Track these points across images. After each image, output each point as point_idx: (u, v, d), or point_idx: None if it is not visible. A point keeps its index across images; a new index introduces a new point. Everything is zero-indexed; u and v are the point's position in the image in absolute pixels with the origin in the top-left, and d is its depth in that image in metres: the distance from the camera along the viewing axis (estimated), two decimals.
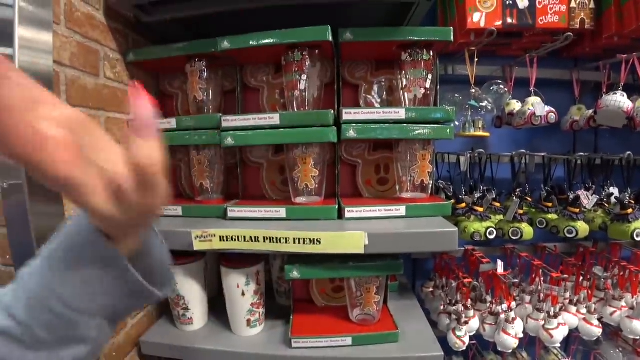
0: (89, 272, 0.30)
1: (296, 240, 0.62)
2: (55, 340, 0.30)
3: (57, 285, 0.30)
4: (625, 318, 0.96)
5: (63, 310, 0.30)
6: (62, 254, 0.31)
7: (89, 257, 0.30)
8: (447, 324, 0.90)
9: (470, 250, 1.00)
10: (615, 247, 1.12)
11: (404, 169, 0.78)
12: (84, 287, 0.30)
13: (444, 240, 0.64)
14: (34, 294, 0.30)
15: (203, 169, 0.81)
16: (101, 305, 0.32)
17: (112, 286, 0.31)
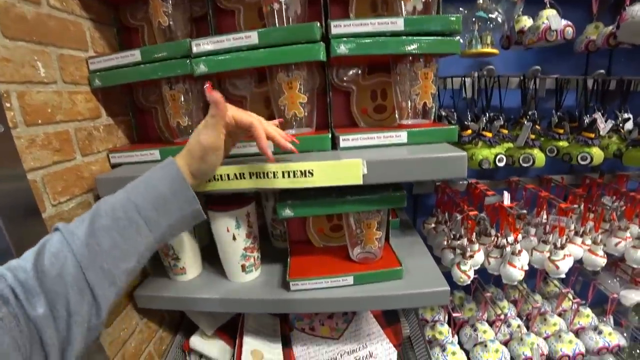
0: (163, 196, 0.45)
1: (286, 173, 0.55)
2: (121, 252, 0.41)
3: (137, 199, 0.43)
4: (630, 248, 0.94)
5: (137, 217, 0.42)
6: (144, 187, 0.45)
7: (168, 187, 0.45)
8: (451, 259, 0.87)
9: (474, 183, 0.95)
10: (622, 178, 1.07)
11: (403, 93, 0.69)
12: (157, 204, 0.44)
13: (452, 166, 0.57)
14: (118, 204, 0.43)
15: (178, 105, 0.72)
16: (162, 224, 0.45)
17: (176, 209, 0.46)
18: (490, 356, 0.93)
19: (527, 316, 1.09)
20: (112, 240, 0.41)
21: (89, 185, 0.70)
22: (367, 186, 0.57)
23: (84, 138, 0.70)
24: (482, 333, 0.98)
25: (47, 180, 0.61)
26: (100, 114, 0.75)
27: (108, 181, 0.67)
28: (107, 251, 0.40)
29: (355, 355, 0.84)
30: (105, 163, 0.75)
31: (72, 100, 0.68)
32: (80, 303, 0.37)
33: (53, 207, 0.61)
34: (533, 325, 1.04)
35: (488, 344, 0.95)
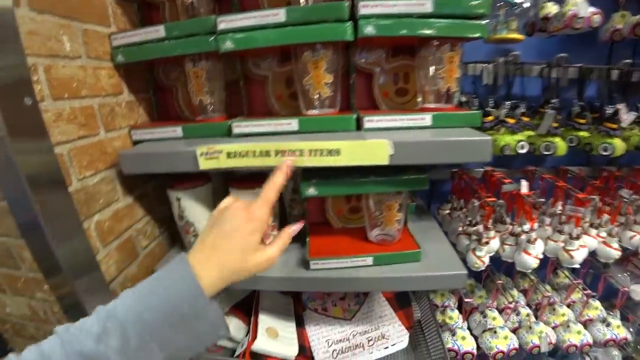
0: (181, 315, 0.37)
1: (312, 152, 0.55)
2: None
3: (151, 319, 0.36)
4: None
5: (149, 340, 0.35)
6: (159, 302, 0.37)
7: (185, 306, 0.37)
8: (466, 245, 0.87)
9: (490, 171, 0.95)
10: (639, 172, 1.06)
11: (427, 77, 0.68)
12: (173, 325, 0.36)
13: (478, 150, 0.57)
14: (129, 324, 0.35)
15: (201, 82, 0.72)
16: (177, 343, 0.37)
17: (193, 327, 0.38)
18: (500, 342, 0.94)
19: (536, 306, 1.10)
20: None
21: (112, 160, 0.71)
22: (389, 168, 0.57)
23: (107, 114, 0.71)
24: (492, 320, 0.99)
25: (74, 155, 0.62)
26: (122, 90, 0.76)
27: (131, 157, 0.68)
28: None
29: (367, 336, 0.86)
30: (127, 139, 0.76)
31: (96, 75, 0.69)
32: None
33: (79, 182, 0.63)
34: (542, 315, 1.05)
35: (497, 330, 0.96)
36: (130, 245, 0.76)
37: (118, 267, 0.71)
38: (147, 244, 0.81)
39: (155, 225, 0.84)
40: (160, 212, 0.86)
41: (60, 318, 0.68)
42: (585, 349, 1.00)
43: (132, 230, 0.77)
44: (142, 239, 0.80)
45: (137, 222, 0.78)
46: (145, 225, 0.81)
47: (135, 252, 0.77)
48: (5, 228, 0.60)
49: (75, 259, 0.59)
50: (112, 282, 0.69)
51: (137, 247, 0.78)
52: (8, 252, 0.63)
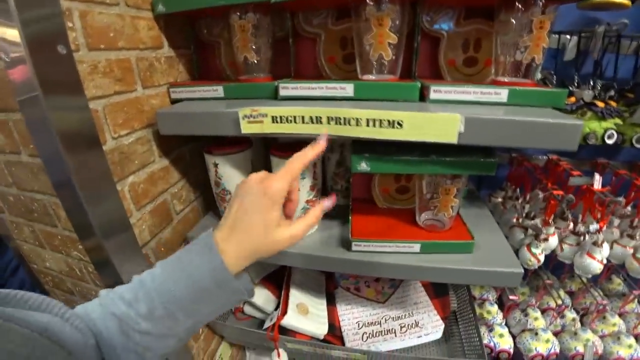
0: (206, 289, 0.38)
1: (371, 122, 0.49)
2: (158, 333, 0.38)
3: (176, 291, 0.38)
4: None
5: (175, 308, 0.38)
6: (184, 275, 0.38)
7: (208, 280, 0.38)
8: (520, 239, 0.79)
9: (555, 159, 0.84)
10: None
11: (505, 45, 0.58)
12: (197, 297, 0.38)
13: (563, 135, 0.48)
14: (156, 295, 0.37)
15: (247, 37, 0.65)
16: (202, 312, 0.39)
17: (217, 299, 0.39)
18: (540, 345, 0.88)
19: (583, 311, 1.01)
20: (148, 326, 0.37)
21: (149, 119, 0.67)
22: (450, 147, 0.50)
23: (145, 69, 0.66)
24: (533, 320, 0.92)
25: (108, 111, 0.58)
26: (162, 44, 0.71)
27: (169, 116, 0.64)
28: (141, 335, 0.37)
29: (400, 322, 0.82)
30: (165, 98, 0.72)
31: (135, 26, 0.64)
32: None
33: (113, 140, 0.59)
34: (591, 322, 0.97)
35: (539, 332, 0.89)
36: (165, 209, 0.73)
37: (151, 232, 0.69)
38: (182, 208, 0.79)
39: (190, 190, 0.82)
40: (196, 176, 0.83)
41: (95, 278, 0.68)
42: None
43: (167, 194, 0.74)
44: (177, 203, 0.77)
45: (173, 185, 0.76)
46: (181, 189, 0.78)
47: (169, 216, 0.75)
48: (41, 185, 0.58)
49: (108, 221, 0.57)
50: (144, 246, 0.68)
51: (171, 211, 0.76)
52: (45, 209, 0.61)
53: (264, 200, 0.40)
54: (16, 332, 0.28)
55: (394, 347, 0.80)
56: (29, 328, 0.29)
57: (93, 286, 0.71)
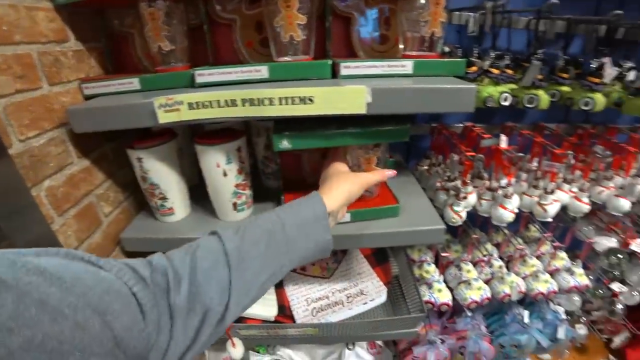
0: (306, 220, 0.47)
1: (283, 100, 0.50)
2: (261, 265, 0.43)
3: (285, 218, 0.46)
4: (612, 197, 0.96)
5: (282, 233, 0.45)
6: (290, 207, 0.48)
7: (311, 213, 0.47)
8: (444, 200, 0.87)
9: (470, 126, 0.93)
10: (612, 130, 1.08)
11: (410, 22, 0.63)
12: (299, 225, 0.46)
13: (461, 99, 0.54)
14: (268, 219, 0.46)
15: (159, 26, 0.63)
16: (299, 246, 0.46)
17: (314, 234, 0.47)
18: (473, 293, 0.98)
19: (508, 258, 1.14)
20: (258, 251, 0.42)
21: (61, 118, 0.63)
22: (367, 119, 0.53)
23: (50, 64, 0.62)
24: (466, 272, 1.02)
25: (11, 112, 0.54)
26: (67, 37, 0.66)
27: (82, 113, 0.61)
28: (252, 260, 0.42)
29: (346, 292, 0.86)
30: (78, 94, 0.68)
31: (32, 17, 0.59)
32: (218, 303, 0.38)
33: (21, 143, 0.55)
34: (514, 266, 1.09)
35: (471, 282, 0.99)
36: (92, 212, 0.70)
37: (78, 237, 0.66)
38: (111, 210, 0.76)
39: (118, 191, 0.78)
40: (123, 175, 0.79)
41: None
42: (551, 296, 1.06)
43: (92, 196, 0.70)
44: (105, 205, 0.74)
45: (97, 187, 0.72)
46: (107, 190, 0.75)
47: (97, 219, 0.71)
48: None
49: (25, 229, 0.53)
50: None
51: (99, 214, 0.72)
52: None
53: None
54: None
55: (343, 316, 0.84)
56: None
57: None
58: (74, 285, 0.27)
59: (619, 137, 1.07)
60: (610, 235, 1.16)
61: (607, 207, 0.99)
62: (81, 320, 0.25)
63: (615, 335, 1.51)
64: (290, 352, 0.97)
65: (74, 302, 0.26)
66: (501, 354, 1.21)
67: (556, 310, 1.22)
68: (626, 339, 1.51)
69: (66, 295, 0.25)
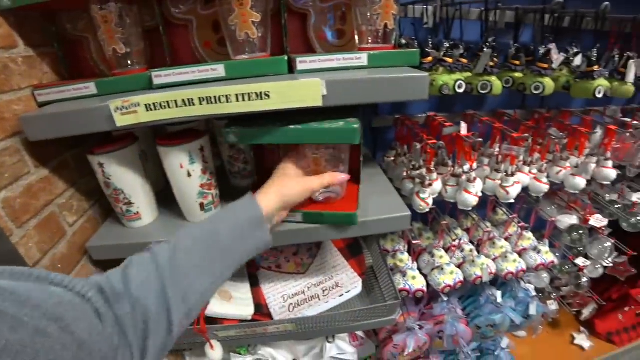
0: (241, 227, 0.49)
1: (240, 96, 0.51)
2: (197, 272, 0.44)
3: (218, 225, 0.48)
4: (569, 176, 1.02)
5: (216, 240, 0.47)
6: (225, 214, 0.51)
7: (247, 220, 0.50)
8: (410, 188, 0.89)
9: (432, 116, 0.96)
10: (566, 114, 1.14)
11: (363, 15, 0.65)
12: (235, 232, 0.48)
13: (414, 87, 0.56)
14: (199, 229, 0.48)
15: (112, 29, 0.62)
16: (237, 249, 0.48)
17: (251, 238, 0.50)
18: (446, 278, 1.01)
19: (478, 242, 1.18)
20: (192, 261, 0.44)
21: (14, 127, 0.61)
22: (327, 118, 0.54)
23: None
24: (439, 258, 1.05)
25: None
26: (15, 43, 0.64)
27: (36, 120, 0.59)
28: (187, 270, 0.43)
29: (322, 286, 0.87)
30: (31, 102, 0.66)
31: None
32: (157, 314, 0.39)
33: None
34: (483, 249, 1.14)
35: (444, 267, 1.02)
36: (54, 222, 0.68)
37: (41, 249, 0.64)
38: (75, 220, 0.73)
39: (82, 199, 0.76)
40: (87, 183, 0.77)
41: None
42: (520, 274, 1.11)
43: (54, 205, 0.68)
44: (68, 214, 0.72)
45: (59, 196, 0.70)
46: (70, 199, 0.73)
47: (61, 230, 0.69)
48: None
49: None
50: (36, 265, 0.62)
51: (62, 224, 0.70)
52: None
53: (298, 162, 0.59)
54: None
55: (320, 310, 0.85)
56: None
57: None
58: (28, 299, 0.28)
59: (572, 120, 1.14)
60: (571, 213, 1.22)
61: (565, 186, 1.05)
62: (39, 327, 0.27)
63: (584, 308, 1.60)
64: (271, 350, 0.97)
65: (29, 313, 0.27)
66: (478, 335, 1.25)
67: (527, 288, 1.28)
68: (594, 310, 1.60)
69: (21, 308, 0.27)
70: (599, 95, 0.90)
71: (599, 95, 0.90)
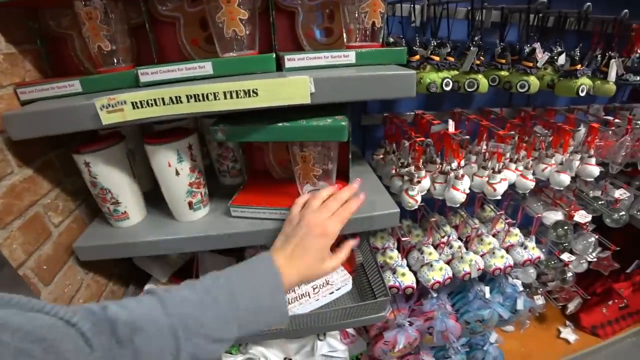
0: (261, 307, 0.46)
1: (228, 94, 0.51)
2: (208, 333, 0.41)
3: (240, 302, 0.44)
4: (554, 173, 1.04)
5: (231, 318, 0.43)
6: (248, 291, 0.45)
7: (269, 299, 0.47)
8: (399, 186, 0.90)
9: (421, 114, 0.97)
10: (551, 112, 1.17)
11: (351, 13, 0.65)
12: (254, 313, 0.45)
13: (401, 84, 0.56)
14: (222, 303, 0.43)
15: (96, 25, 0.61)
16: (250, 325, 0.46)
17: (267, 315, 0.47)
18: (436, 274, 1.02)
19: (466, 238, 1.20)
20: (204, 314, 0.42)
21: None
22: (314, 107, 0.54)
23: None
24: (428, 255, 1.06)
25: None
26: None
27: (19, 118, 0.58)
28: (198, 328, 0.41)
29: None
30: (14, 100, 0.65)
31: None
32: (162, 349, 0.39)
33: None
34: (471, 245, 1.16)
35: (433, 263, 1.04)
36: (39, 223, 0.67)
37: (26, 250, 0.62)
38: (61, 220, 0.72)
39: (68, 199, 0.75)
40: (72, 183, 0.76)
41: None
42: (508, 270, 1.13)
43: (38, 206, 0.67)
44: (53, 215, 0.70)
45: (44, 196, 0.69)
46: (55, 199, 0.71)
47: (46, 230, 0.68)
48: None
49: None
50: (21, 266, 0.61)
51: (47, 224, 0.69)
52: None
53: (322, 240, 0.54)
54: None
55: (310, 308, 0.85)
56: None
57: None
58: (5, 323, 0.28)
59: (557, 118, 1.16)
60: (557, 210, 1.25)
61: (550, 182, 1.07)
62: (22, 348, 0.27)
63: (569, 302, 1.63)
64: (262, 349, 0.97)
65: (9, 335, 0.27)
66: (467, 330, 1.27)
67: (514, 283, 1.30)
68: (579, 304, 1.63)
69: (2, 332, 0.27)
70: (582, 94, 0.92)
71: (582, 94, 0.92)
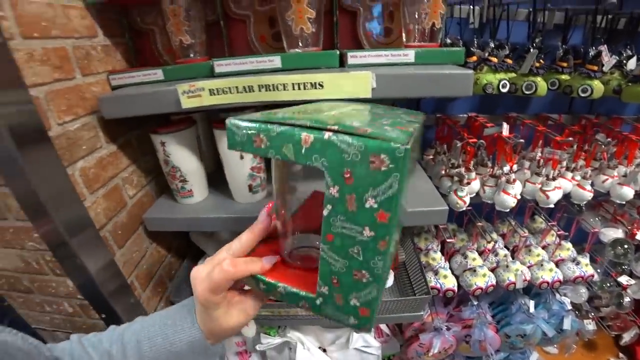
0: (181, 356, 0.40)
1: (295, 85, 0.55)
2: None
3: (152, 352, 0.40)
4: (616, 185, 0.98)
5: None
6: (163, 343, 0.40)
7: (186, 348, 0.40)
8: (448, 186, 0.90)
9: (474, 116, 0.96)
10: (616, 120, 1.09)
11: (411, 14, 0.67)
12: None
13: (458, 84, 0.58)
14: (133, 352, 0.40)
15: (180, 21, 0.69)
16: None
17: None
18: (478, 280, 1.01)
19: (513, 248, 1.16)
20: None
21: (92, 106, 0.69)
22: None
23: (82, 57, 0.68)
24: (472, 260, 1.05)
25: (51, 98, 0.60)
26: (96, 32, 0.73)
27: (111, 100, 0.66)
28: None
29: None
30: (106, 85, 0.74)
31: (66, 15, 0.65)
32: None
33: (59, 126, 0.61)
34: (518, 255, 1.12)
35: (477, 269, 1.02)
36: (117, 193, 0.76)
37: (107, 215, 0.72)
38: (135, 193, 0.82)
39: (141, 175, 0.84)
40: (146, 162, 0.85)
41: (54, 267, 0.69)
42: (556, 285, 1.08)
43: (118, 178, 0.76)
44: (129, 187, 0.80)
45: (123, 170, 0.78)
46: (131, 174, 0.81)
47: (122, 200, 0.77)
48: None
49: (60, 203, 0.59)
50: (102, 228, 0.70)
51: (124, 195, 0.78)
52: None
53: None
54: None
55: None
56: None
57: (52, 276, 0.72)
58: None
59: (623, 128, 1.09)
60: (617, 226, 1.17)
61: (611, 195, 1.01)
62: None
63: (625, 332, 1.50)
64: (299, 335, 1.01)
65: None
66: (507, 344, 1.22)
67: (562, 301, 1.24)
68: (635, 336, 1.50)
69: None
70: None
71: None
